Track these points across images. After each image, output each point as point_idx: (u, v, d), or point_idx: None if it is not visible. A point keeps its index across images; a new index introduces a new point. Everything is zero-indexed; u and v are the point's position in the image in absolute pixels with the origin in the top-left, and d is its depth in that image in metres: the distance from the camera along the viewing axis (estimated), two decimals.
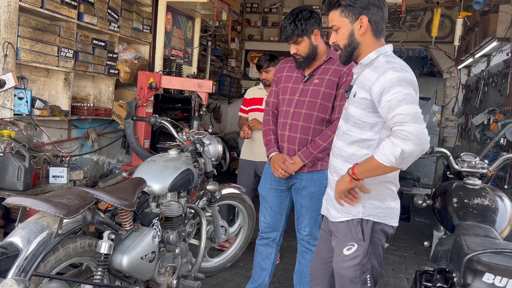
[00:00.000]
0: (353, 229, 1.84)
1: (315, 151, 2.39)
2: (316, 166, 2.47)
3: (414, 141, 1.54)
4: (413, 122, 1.55)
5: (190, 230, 2.74)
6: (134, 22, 4.44)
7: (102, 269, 1.86)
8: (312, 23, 2.37)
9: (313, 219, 2.55)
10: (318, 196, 2.48)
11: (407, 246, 4.45)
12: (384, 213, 1.84)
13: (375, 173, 1.71)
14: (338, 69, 2.40)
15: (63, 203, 1.66)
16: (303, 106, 2.42)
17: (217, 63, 7.00)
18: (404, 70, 1.68)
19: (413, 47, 7.58)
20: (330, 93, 2.39)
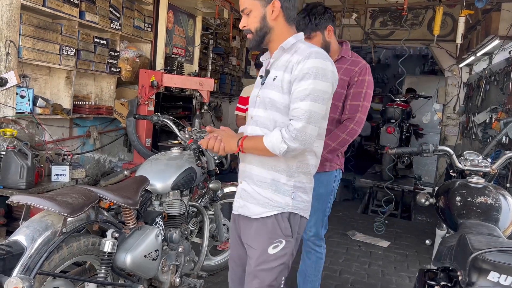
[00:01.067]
0: (281, 223, 1.70)
1: (324, 151, 2.29)
2: (325, 167, 2.41)
3: (301, 142, 1.57)
4: (307, 121, 1.56)
5: (192, 229, 2.74)
6: (136, 20, 4.43)
7: (106, 268, 1.87)
8: (326, 19, 2.35)
9: (320, 220, 2.52)
10: (325, 198, 2.48)
11: (408, 245, 4.45)
12: (307, 206, 1.78)
13: (261, 154, 1.69)
14: (350, 68, 2.38)
15: (67, 201, 1.66)
16: None
17: (218, 61, 6.99)
18: (327, 58, 1.65)
19: (414, 46, 7.57)
20: (341, 92, 2.34)
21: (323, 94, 1.60)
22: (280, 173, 1.71)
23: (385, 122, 5.81)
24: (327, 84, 1.61)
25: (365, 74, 2.36)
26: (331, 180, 2.46)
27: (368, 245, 4.35)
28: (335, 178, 2.50)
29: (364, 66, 2.38)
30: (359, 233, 4.68)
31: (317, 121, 1.60)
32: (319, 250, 2.58)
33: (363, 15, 7.22)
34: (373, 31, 7.24)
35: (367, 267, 3.77)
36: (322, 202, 2.47)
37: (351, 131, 2.32)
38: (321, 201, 2.47)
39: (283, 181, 1.70)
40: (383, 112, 5.98)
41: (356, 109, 2.33)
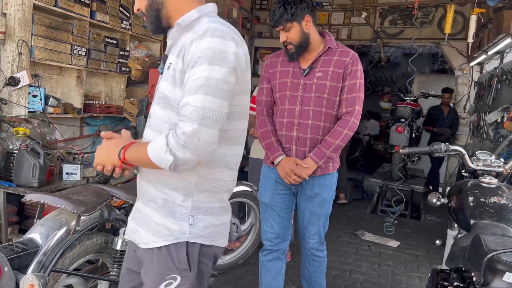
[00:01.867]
0: (175, 256, 1.29)
1: (328, 151, 2.20)
2: (328, 168, 2.30)
3: (192, 151, 1.16)
4: (199, 123, 1.15)
5: None
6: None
7: (118, 266, 1.88)
8: (303, 8, 2.20)
9: (322, 226, 2.41)
10: (329, 203, 2.38)
11: (418, 245, 4.42)
12: (215, 232, 1.33)
13: (149, 167, 1.29)
14: (342, 60, 2.23)
15: (81, 200, 1.68)
16: (310, 102, 2.24)
17: None
18: (228, 37, 1.21)
19: (424, 44, 7.51)
20: (336, 86, 2.22)
21: (221, 85, 1.18)
22: (175, 191, 1.29)
23: (395, 121, 5.78)
24: (227, 70, 1.19)
25: (357, 64, 2.24)
26: (333, 182, 2.36)
27: (377, 245, 4.34)
28: (336, 179, 2.40)
29: (355, 56, 2.26)
30: (369, 233, 4.66)
31: (215, 121, 1.18)
32: (322, 255, 2.48)
33: (372, 14, 7.19)
34: (382, 29, 7.20)
35: (377, 267, 3.76)
36: (326, 207, 2.36)
37: (352, 125, 2.21)
38: (325, 207, 2.35)
39: (178, 201, 1.29)
40: (393, 111, 5.95)
41: (353, 102, 2.21)
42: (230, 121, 1.28)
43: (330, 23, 7.48)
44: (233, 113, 1.28)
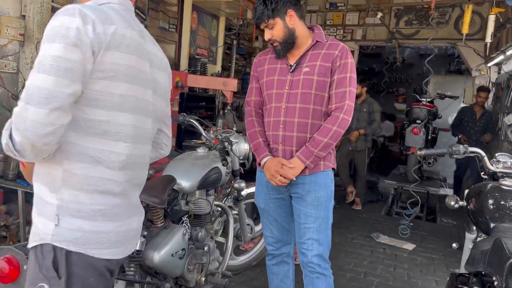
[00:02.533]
0: (41, 259, 1.15)
1: (316, 149, 2.04)
2: (319, 166, 2.11)
3: (21, 132, 1.04)
4: (26, 101, 1.04)
5: (217, 228, 2.76)
6: (161, 21, 4.49)
7: (135, 266, 1.90)
8: (285, 2, 2.06)
9: (323, 233, 2.14)
10: (325, 204, 2.13)
11: (434, 248, 4.36)
12: (90, 239, 1.16)
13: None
14: (330, 53, 2.09)
15: None
16: (296, 99, 2.09)
17: (240, 61, 7.02)
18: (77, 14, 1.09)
19: (440, 45, 7.42)
20: (324, 81, 2.07)
21: (55, 61, 1.05)
22: (43, 186, 1.17)
23: (410, 122, 5.71)
24: (63, 46, 1.06)
25: (346, 57, 2.08)
26: (329, 181, 2.15)
27: (392, 247, 4.29)
28: (331, 179, 2.18)
29: (344, 48, 2.10)
30: (384, 235, 4.61)
31: (45, 100, 1.03)
32: (328, 273, 2.17)
33: (387, 14, 7.13)
34: (398, 30, 7.14)
35: (392, 270, 3.71)
36: (322, 208, 2.13)
37: (342, 122, 2.04)
38: (321, 208, 2.13)
39: (46, 198, 1.16)
40: (408, 112, 5.88)
41: (343, 97, 2.05)
42: (100, 111, 1.14)
43: (345, 23, 7.44)
44: (98, 100, 1.13)
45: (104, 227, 1.18)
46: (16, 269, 1.44)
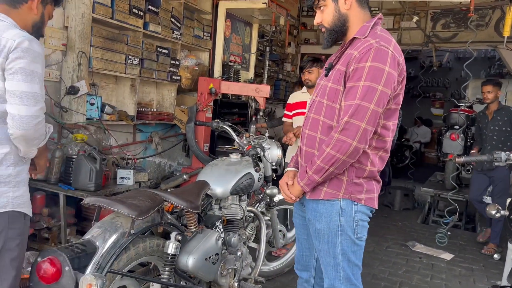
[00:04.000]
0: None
1: (310, 171, 1.73)
2: (318, 193, 1.78)
3: None
4: None
5: (250, 234, 2.77)
6: (195, 29, 4.58)
7: (169, 269, 1.93)
8: None
9: (331, 267, 1.82)
10: (329, 238, 1.78)
11: (474, 258, 4.20)
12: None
13: None
14: (349, 53, 1.72)
15: (135, 204, 1.74)
16: (313, 109, 1.84)
17: (273, 67, 7.03)
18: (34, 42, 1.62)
19: (480, 48, 7.17)
20: (336, 89, 1.73)
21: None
22: None
23: (448, 128, 5.55)
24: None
25: (366, 59, 1.62)
26: (333, 213, 1.76)
27: (429, 257, 4.16)
28: (340, 211, 1.75)
29: (368, 48, 1.64)
30: (420, 244, 4.49)
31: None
32: None
33: (423, 18, 6.97)
34: (434, 33, 6.96)
35: (429, 280, 3.60)
36: (325, 242, 1.80)
37: (337, 144, 1.64)
38: (323, 242, 1.81)
39: None
40: (446, 117, 5.71)
41: (346, 112, 1.65)
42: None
43: None
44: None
45: None
46: (58, 270, 1.50)
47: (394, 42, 1.69)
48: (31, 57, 1.59)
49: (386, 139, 1.76)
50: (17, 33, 1.60)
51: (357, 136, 1.62)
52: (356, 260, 1.83)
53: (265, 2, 4.56)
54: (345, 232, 1.76)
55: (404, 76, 1.72)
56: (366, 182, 1.76)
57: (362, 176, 1.75)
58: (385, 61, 1.62)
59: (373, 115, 1.63)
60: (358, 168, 1.74)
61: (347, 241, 1.77)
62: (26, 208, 1.71)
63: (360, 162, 1.73)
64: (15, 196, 1.66)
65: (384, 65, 1.62)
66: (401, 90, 1.72)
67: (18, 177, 1.69)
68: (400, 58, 1.68)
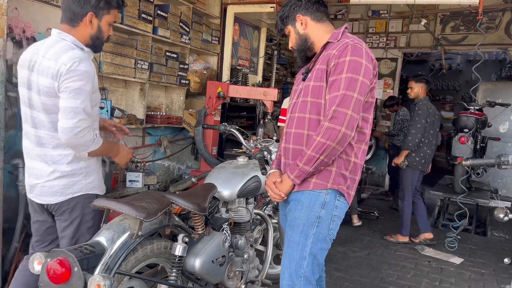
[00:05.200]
0: None
1: (301, 163, 1.78)
2: (307, 184, 1.83)
3: None
4: None
5: (257, 236, 2.79)
6: (204, 34, 4.62)
7: (177, 271, 1.95)
8: (293, 7, 1.93)
9: (295, 262, 1.83)
10: (303, 228, 1.81)
11: (484, 263, 4.16)
12: None
13: None
14: (328, 53, 1.84)
15: (143, 206, 1.77)
16: (296, 108, 1.93)
17: (281, 71, 7.06)
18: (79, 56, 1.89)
19: (490, 50, 7.12)
20: (319, 86, 1.83)
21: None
22: None
23: (457, 131, 5.50)
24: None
25: (345, 54, 1.76)
26: (316, 204, 1.80)
27: (438, 260, 4.13)
28: (324, 203, 1.81)
29: (345, 45, 1.78)
30: (429, 248, 4.46)
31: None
32: None
33: (432, 20, 6.94)
34: (443, 36, 6.93)
35: (438, 284, 3.58)
36: (298, 232, 1.83)
37: (327, 132, 1.72)
38: (296, 231, 1.84)
39: None
40: (456, 120, 5.66)
41: (332, 102, 1.74)
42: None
43: (388, 31, 7.32)
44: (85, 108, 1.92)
45: None
46: (68, 271, 1.53)
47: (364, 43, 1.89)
48: (77, 77, 1.85)
49: (365, 131, 1.88)
50: (69, 56, 1.86)
51: (345, 122, 1.72)
52: (320, 258, 1.87)
53: (273, 6, 4.59)
54: (321, 225, 1.82)
55: (377, 72, 1.88)
56: (349, 177, 1.86)
57: (348, 169, 1.84)
58: (362, 55, 1.78)
59: (357, 103, 1.75)
60: (346, 160, 1.84)
61: (320, 234, 1.83)
62: (97, 190, 2.11)
63: (347, 154, 1.83)
64: (87, 183, 2.04)
65: (362, 59, 1.77)
66: (375, 84, 1.86)
67: (88, 168, 2.05)
68: (372, 55, 1.85)
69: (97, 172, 2.13)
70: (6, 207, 2.77)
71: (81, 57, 1.88)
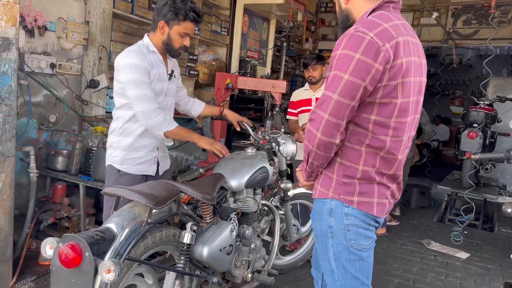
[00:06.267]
0: None
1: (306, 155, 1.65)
2: (314, 192, 1.71)
3: None
4: None
5: (264, 227, 2.81)
6: (213, 25, 4.62)
7: (185, 258, 1.98)
8: None
9: (328, 273, 1.70)
10: (322, 239, 1.67)
11: (490, 258, 4.15)
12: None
13: None
14: None
15: (153, 194, 1.80)
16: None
17: (290, 63, 7.04)
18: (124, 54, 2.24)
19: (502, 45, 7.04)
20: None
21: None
22: None
23: (466, 126, 5.46)
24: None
25: (338, 47, 1.51)
26: (324, 213, 1.64)
27: (444, 255, 4.13)
28: (330, 211, 1.62)
29: (344, 35, 1.51)
30: (435, 242, 4.46)
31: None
32: None
33: (444, 14, 6.87)
34: (455, 30, 6.86)
35: (443, 278, 3.58)
36: (320, 243, 1.71)
37: (307, 134, 1.56)
38: (318, 242, 1.73)
39: None
40: (465, 115, 5.62)
41: (316, 103, 1.55)
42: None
43: None
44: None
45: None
46: (79, 255, 1.56)
47: (386, 27, 1.47)
48: (122, 71, 2.21)
49: (381, 137, 1.54)
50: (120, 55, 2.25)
51: (320, 127, 1.49)
52: (355, 271, 1.63)
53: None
54: (336, 236, 1.62)
55: (397, 64, 1.47)
56: (361, 183, 1.58)
57: (356, 177, 1.58)
58: (357, 47, 1.44)
59: (337, 106, 1.46)
60: (348, 167, 1.59)
61: (339, 246, 1.62)
62: (118, 165, 2.31)
63: (350, 160, 1.58)
64: (114, 155, 2.31)
65: (355, 52, 1.44)
66: (392, 81, 1.48)
67: (120, 143, 2.30)
68: (386, 44, 1.44)
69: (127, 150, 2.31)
70: (17, 194, 2.82)
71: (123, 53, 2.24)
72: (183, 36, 2.27)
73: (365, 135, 1.55)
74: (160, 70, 2.31)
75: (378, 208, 1.60)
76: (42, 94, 3.16)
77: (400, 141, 1.57)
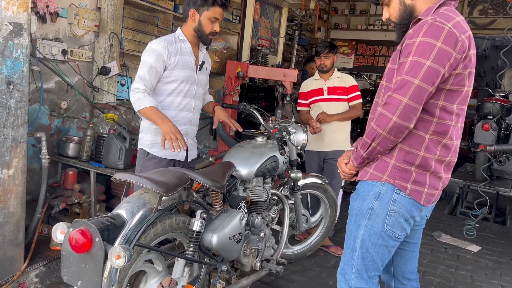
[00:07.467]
0: None
1: (359, 146, 1.69)
2: (364, 174, 1.72)
3: None
4: None
5: (273, 216, 2.80)
6: (225, 13, 4.58)
7: (194, 246, 1.99)
8: None
9: (349, 251, 1.76)
10: (356, 218, 1.74)
11: (502, 251, 4.10)
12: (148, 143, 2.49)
13: None
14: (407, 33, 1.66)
15: (163, 181, 1.79)
16: (379, 93, 1.79)
17: (301, 52, 6.98)
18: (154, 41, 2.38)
19: None
20: (392, 69, 1.66)
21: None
22: None
23: (481, 118, 5.37)
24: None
25: (417, 35, 1.54)
26: (370, 194, 1.68)
27: (455, 248, 4.09)
28: (378, 194, 1.66)
29: (422, 24, 1.55)
30: (446, 235, 4.41)
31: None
32: None
33: (460, 3, 6.72)
34: (471, 20, 6.72)
35: (454, 271, 3.55)
36: (352, 221, 1.76)
37: (379, 118, 1.57)
38: (351, 219, 1.77)
39: None
40: (479, 107, 5.53)
41: (392, 88, 1.58)
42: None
43: None
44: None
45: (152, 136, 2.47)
46: (89, 241, 1.57)
47: (459, 20, 1.55)
48: (144, 53, 2.36)
49: (448, 122, 1.60)
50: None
51: (397, 111, 1.51)
52: (376, 255, 1.69)
53: None
54: (374, 218, 1.66)
55: (469, 55, 1.58)
56: (418, 172, 1.62)
57: (414, 164, 1.61)
58: (438, 36, 1.51)
59: (418, 90, 1.51)
60: (408, 153, 1.62)
61: (373, 228, 1.67)
62: (148, 148, 2.43)
63: (411, 146, 1.61)
64: (144, 139, 2.44)
65: (436, 40, 1.50)
66: (465, 70, 1.58)
67: (151, 127, 2.39)
68: (462, 35, 1.53)
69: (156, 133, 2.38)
70: (29, 179, 2.85)
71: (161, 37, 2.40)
72: (213, 21, 2.37)
73: (430, 122, 1.61)
74: (186, 58, 2.40)
75: (427, 197, 1.66)
76: (53, 80, 3.17)
77: (459, 127, 1.68)
